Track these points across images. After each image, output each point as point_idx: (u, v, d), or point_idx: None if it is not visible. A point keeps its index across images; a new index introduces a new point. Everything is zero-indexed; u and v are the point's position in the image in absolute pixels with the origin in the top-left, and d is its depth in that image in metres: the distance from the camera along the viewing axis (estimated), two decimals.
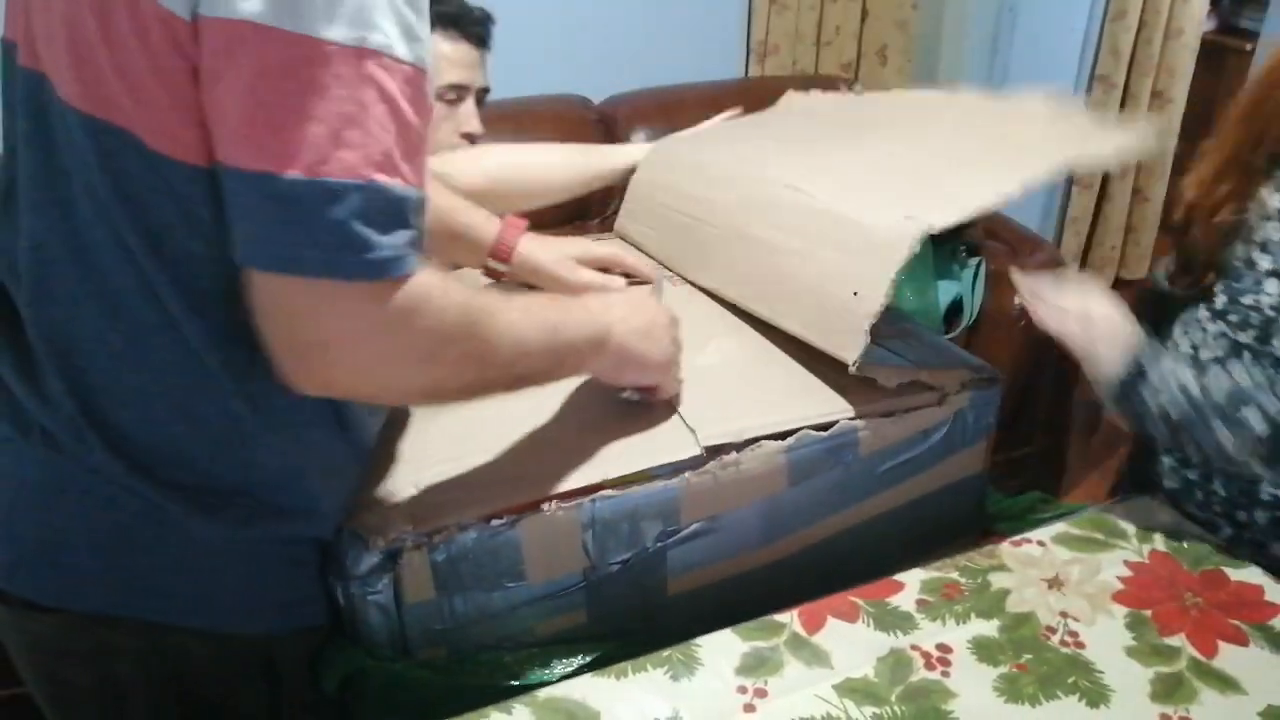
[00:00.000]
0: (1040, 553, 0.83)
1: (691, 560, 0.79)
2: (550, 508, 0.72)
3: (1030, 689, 0.69)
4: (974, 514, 0.93)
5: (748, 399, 0.84)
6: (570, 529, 0.73)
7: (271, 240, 0.54)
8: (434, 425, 0.81)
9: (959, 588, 0.79)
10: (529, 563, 0.73)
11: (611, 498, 0.74)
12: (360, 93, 0.54)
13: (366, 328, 0.57)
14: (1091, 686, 0.70)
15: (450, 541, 0.71)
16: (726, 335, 0.95)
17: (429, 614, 0.73)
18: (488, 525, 0.71)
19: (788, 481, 0.80)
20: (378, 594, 0.71)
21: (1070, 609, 0.77)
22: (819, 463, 0.80)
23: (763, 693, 0.69)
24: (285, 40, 0.52)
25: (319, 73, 0.52)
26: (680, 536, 0.78)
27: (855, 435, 0.81)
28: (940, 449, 0.86)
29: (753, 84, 2.53)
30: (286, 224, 0.53)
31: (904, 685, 0.70)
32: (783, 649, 0.73)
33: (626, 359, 0.76)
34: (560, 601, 0.76)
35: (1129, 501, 0.90)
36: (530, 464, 0.76)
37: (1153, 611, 0.77)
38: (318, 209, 0.53)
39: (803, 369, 0.87)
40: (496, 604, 0.74)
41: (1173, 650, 0.73)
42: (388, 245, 0.55)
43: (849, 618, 0.76)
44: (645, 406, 0.81)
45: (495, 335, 0.64)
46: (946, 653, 0.72)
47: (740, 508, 0.79)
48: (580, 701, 0.69)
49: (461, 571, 0.72)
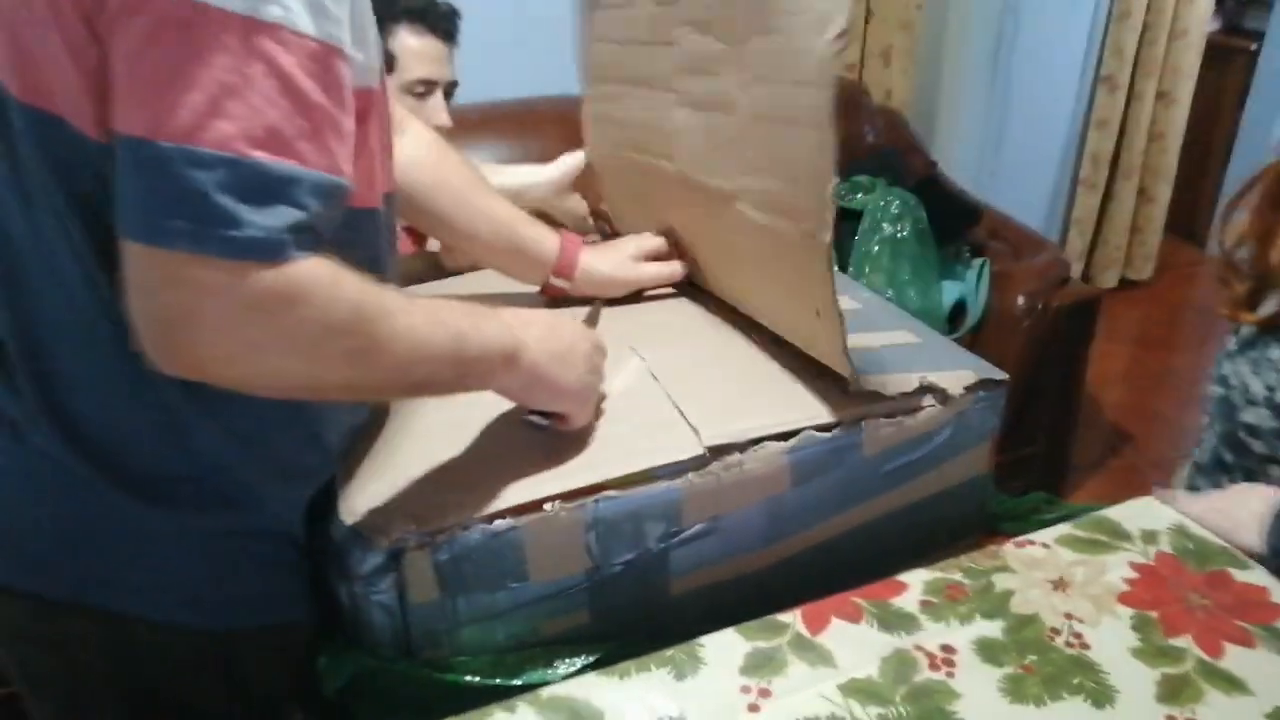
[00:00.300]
0: (1044, 554, 0.83)
1: (694, 561, 0.79)
2: (553, 508, 0.72)
3: (1035, 690, 0.69)
4: (977, 515, 0.93)
5: (750, 399, 0.84)
6: (573, 529, 0.73)
7: (139, 208, 0.53)
8: (436, 424, 0.81)
9: (963, 588, 0.79)
10: (532, 563, 0.73)
11: (614, 498, 0.74)
12: (246, 64, 0.52)
13: (232, 310, 0.54)
14: (1097, 687, 0.69)
15: (453, 541, 0.70)
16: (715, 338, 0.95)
17: (432, 614, 0.73)
18: (491, 525, 0.71)
19: (791, 482, 0.80)
20: (381, 594, 0.71)
21: (1075, 610, 0.76)
22: (822, 463, 0.80)
23: (766, 693, 0.69)
24: (174, 4, 0.51)
25: (204, 39, 0.51)
26: (683, 537, 0.77)
27: (859, 436, 0.81)
28: (944, 450, 0.86)
29: None
30: (153, 192, 0.52)
31: (908, 685, 0.69)
32: (786, 649, 0.73)
33: (537, 380, 0.73)
34: (563, 602, 0.76)
35: (1133, 503, 0.90)
36: (533, 464, 0.76)
37: (1158, 613, 0.76)
38: (184, 178, 0.51)
39: (804, 369, 0.87)
40: (500, 604, 0.74)
41: (1178, 651, 0.73)
42: (259, 225, 0.53)
43: (852, 618, 0.75)
44: (552, 435, 0.78)
45: (388, 336, 0.61)
46: (951, 653, 0.72)
47: (743, 508, 0.79)
48: (584, 701, 0.69)
49: (465, 572, 0.72)
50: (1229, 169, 3.41)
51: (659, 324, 1.00)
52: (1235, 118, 3.36)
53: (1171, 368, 2.87)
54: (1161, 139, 3.04)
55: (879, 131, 2.44)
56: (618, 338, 0.94)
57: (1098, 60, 2.88)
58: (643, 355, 0.90)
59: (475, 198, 0.98)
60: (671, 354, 0.91)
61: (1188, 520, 0.87)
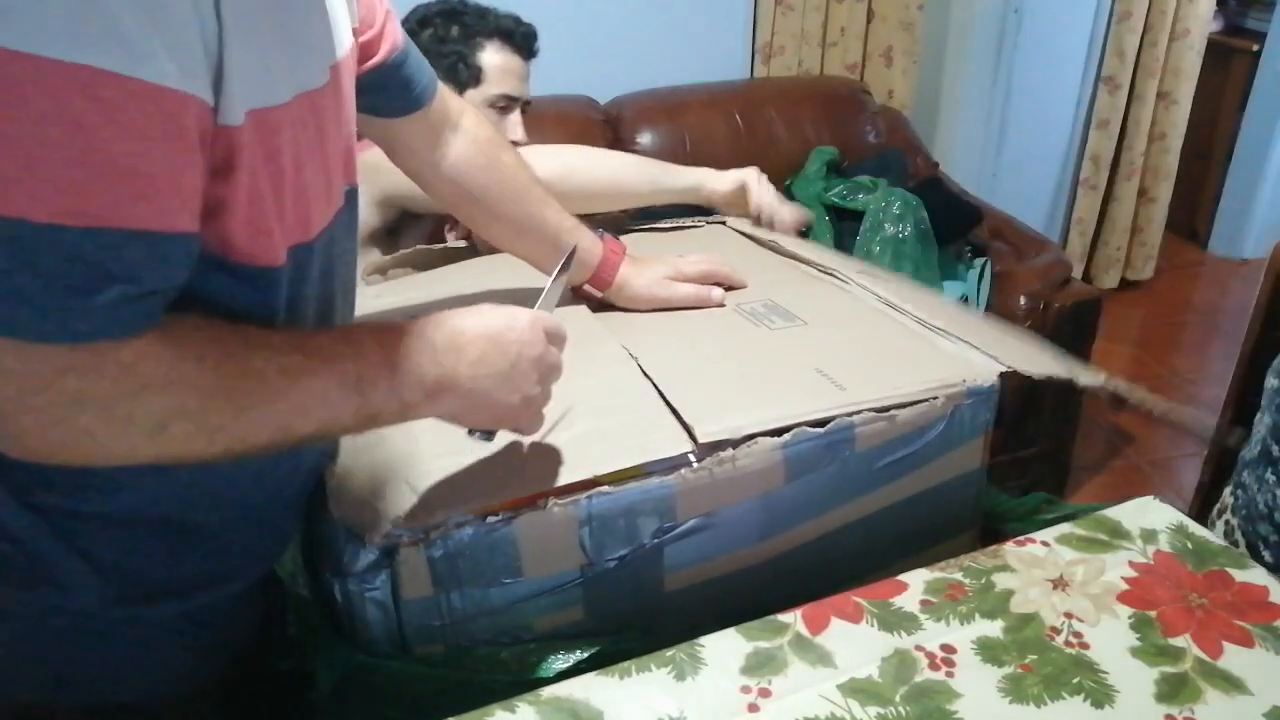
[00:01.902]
0: (1044, 553, 0.82)
1: (688, 556, 0.79)
2: (546, 504, 0.72)
3: (1035, 689, 0.69)
4: (972, 510, 0.93)
5: (743, 395, 0.83)
6: (567, 525, 0.73)
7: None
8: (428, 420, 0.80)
9: (963, 588, 0.78)
10: (526, 559, 0.73)
11: (608, 494, 0.73)
12: (43, 116, 0.44)
13: (54, 400, 0.48)
14: (1096, 687, 0.69)
15: (447, 538, 0.70)
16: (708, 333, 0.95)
17: (426, 610, 0.72)
18: (484, 521, 0.71)
19: (784, 478, 0.79)
20: (375, 590, 0.70)
21: (1075, 610, 0.76)
22: (815, 459, 0.80)
23: (767, 693, 0.69)
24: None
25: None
26: (677, 533, 0.77)
27: (851, 431, 0.80)
28: (937, 445, 0.85)
29: (757, 85, 2.53)
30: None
31: (908, 685, 0.69)
32: (786, 649, 0.72)
33: (477, 405, 0.68)
34: (557, 598, 0.75)
35: (1133, 502, 0.89)
36: (526, 460, 0.75)
37: (1157, 612, 0.76)
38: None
39: (798, 364, 0.86)
40: (494, 600, 0.74)
41: (1178, 651, 0.72)
42: (68, 306, 0.47)
43: (853, 618, 0.75)
44: (505, 444, 0.76)
45: (253, 405, 0.56)
46: (951, 653, 0.72)
47: (737, 504, 0.78)
48: (584, 701, 0.68)
49: (459, 568, 0.71)
50: (1230, 170, 3.41)
51: (653, 320, 1.00)
52: (1236, 118, 3.35)
53: (1172, 368, 2.87)
54: (1163, 140, 3.04)
55: (880, 132, 2.44)
56: (613, 333, 0.94)
57: (1099, 61, 2.88)
58: (636, 351, 0.90)
59: (524, 201, 0.98)
60: (665, 350, 0.91)
61: (1187, 520, 0.87)
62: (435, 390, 0.65)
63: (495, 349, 0.67)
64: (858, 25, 2.59)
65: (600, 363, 0.90)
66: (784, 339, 0.93)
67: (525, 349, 0.69)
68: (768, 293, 1.03)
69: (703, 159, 2.30)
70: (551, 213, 0.99)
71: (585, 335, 0.96)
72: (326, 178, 0.68)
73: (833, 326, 0.96)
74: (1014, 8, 2.61)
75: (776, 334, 0.94)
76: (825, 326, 0.96)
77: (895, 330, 0.95)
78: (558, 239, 0.98)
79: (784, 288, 1.04)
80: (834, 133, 2.36)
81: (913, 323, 0.95)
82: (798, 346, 0.91)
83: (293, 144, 0.61)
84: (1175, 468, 2.37)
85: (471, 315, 0.69)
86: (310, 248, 0.66)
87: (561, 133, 1.98)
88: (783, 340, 0.93)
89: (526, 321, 0.70)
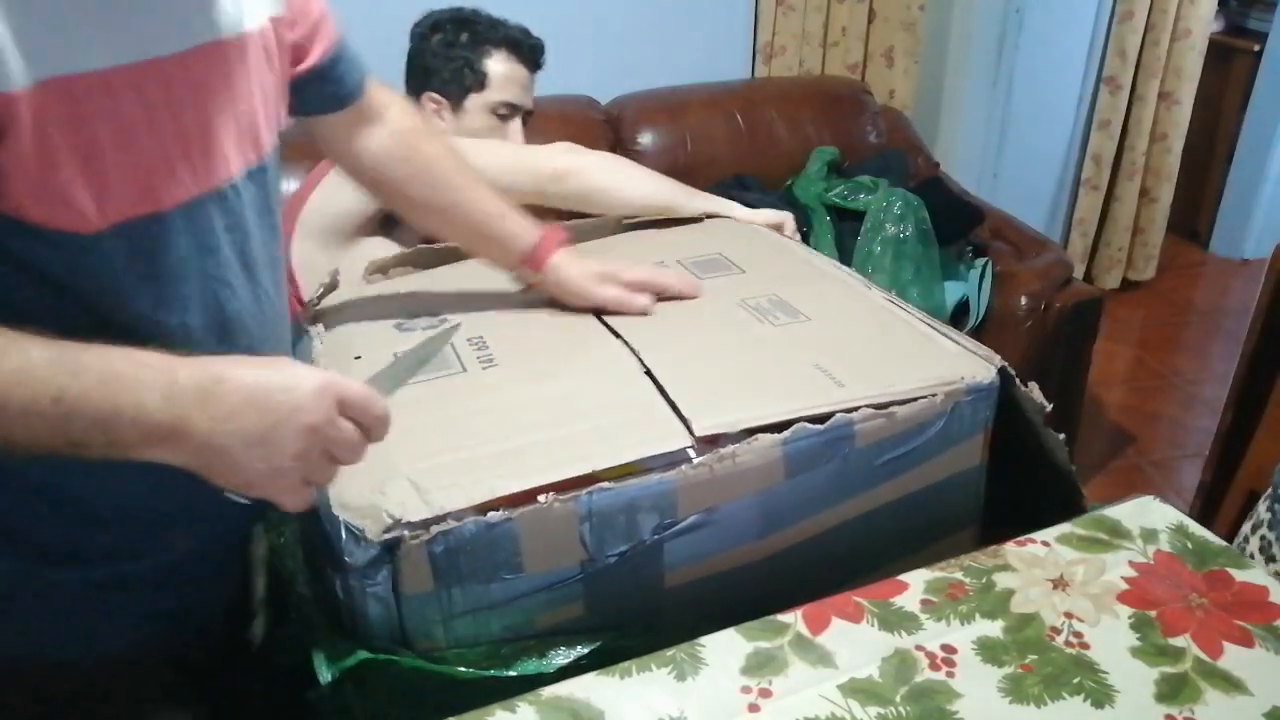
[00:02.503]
0: (1045, 553, 0.82)
1: (688, 553, 0.79)
2: (547, 500, 0.72)
3: (1035, 689, 0.69)
4: (972, 507, 0.93)
5: (743, 390, 0.83)
6: (567, 521, 0.73)
7: None
8: (428, 417, 0.80)
9: (963, 587, 0.78)
10: (526, 554, 0.73)
11: (608, 490, 0.73)
12: None
13: None
14: (1096, 687, 0.69)
15: (448, 533, 0.70)
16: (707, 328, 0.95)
17: (427, 605, 0.72)
18: (485, 517, 0.71)
19: (784, 474, 0.79)
20: (376, 586, 0.70)
21: (1075, 609, 0.76)
22: (816, 455, 0.80)
23: (767, 693, 0.69)
24: None
25: None
26: (677, 529, 0.77)
27: (852, 428, 0.80)
28: (937, 442, 0.85)
29: (758, 85, 2.53)
30: None
31: (909, 685, 0.69)
32: (787, 649, 0.72)
33: (213, 462, 0.61)
34: (558, 593, 0.75)
35: (1133, 502, 0.89)
36: (526, 456, 0.75)
37: (1158, 612, 0.76)
38: None
39: (798, 360, 0.86)
40: (494, 595, 0.74)
41: (1178, 651, 0.72)
42: None
43: (853, 618, 0.75)
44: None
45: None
46: (951, 653, 0.72)
47: (737, 500, 0.78)
48: (584, 700, 0.68)
49: (459, 563, 0.71)
50: (1231, 170, 3.41)
51: (655, 315, 0.99)
52: (1238, 119, 3.35)
53: (1174, 368, 2.87)
54: (1164, 140, 3.04)
55: (881, 132, 2.44)
56: (614, 329, 0.94)
57: (1100, 61, 2.88)
58: (637, 346, 0.90)
59: (448, 189, 0.98)
60: (666, 345, 0.91)
61: (1187, 520, 0.87)
62: (160, 436, 0.59)
63: (253, 407, 0.61)
64: (859, 25, 2.59)
65: (600, 359, 0.90)
66: (786, 335, 0.93)
67: (297, 415, 0.62)
68: (774, 288, 1.03)
69: (703, 159, 2.32)
70: (480, 201, 0.98)
71: (586, 331, 0.96)
72: (196, 149, 0.66)
73: (835, 323, 0.96)
74: (1015, 8, 2.61)
75: (779, 330, 0.94)
76: (827, 322, 0.96)
77: (896, 327, 0.95)
78: (486, 226, 0.98)
79: (790, 284, 1.04)
80: (835, 133, 2.36)
81: (914, 320, 0.96)
82: (799, 342, 0.91)
83: (114, 112, 0.59)
84: (1175, 468, 2.37)
85: (243, 366, 0.63)
86: (162, 220, 0.64)
87: (562, 133, 1.97)
88: (784, 336, 0.93)
89: (313, 386, 0.62)
